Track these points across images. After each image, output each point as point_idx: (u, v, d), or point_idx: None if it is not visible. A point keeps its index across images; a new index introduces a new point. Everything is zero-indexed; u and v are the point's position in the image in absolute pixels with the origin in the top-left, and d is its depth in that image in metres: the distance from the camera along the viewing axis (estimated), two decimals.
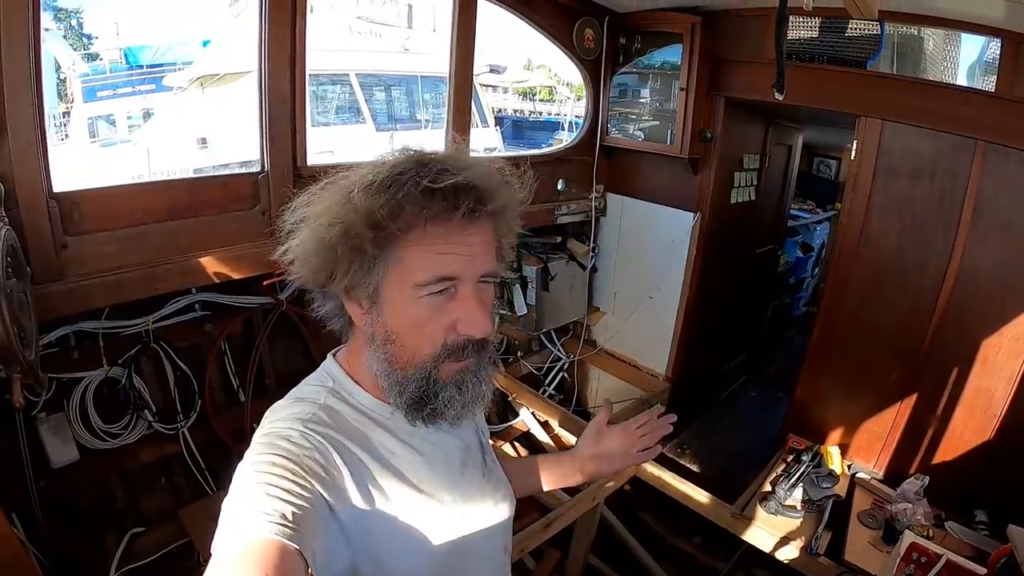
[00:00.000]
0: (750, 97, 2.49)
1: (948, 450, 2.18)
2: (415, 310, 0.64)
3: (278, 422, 0.65)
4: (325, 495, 0.60)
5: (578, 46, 2.60)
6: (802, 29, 2.35)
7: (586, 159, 2.89)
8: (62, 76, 6.72)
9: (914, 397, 2.24)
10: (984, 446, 2.08)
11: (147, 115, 6.40)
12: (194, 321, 2.02)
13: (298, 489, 0.57)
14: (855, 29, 2.16)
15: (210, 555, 0.51)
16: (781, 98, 1.18)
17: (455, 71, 2.18)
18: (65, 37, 8.15)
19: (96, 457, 1.89)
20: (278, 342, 2.24)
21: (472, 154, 0.91)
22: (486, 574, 0.83)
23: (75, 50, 7.71)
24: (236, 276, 1.84)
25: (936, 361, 2.17)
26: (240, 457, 0.63)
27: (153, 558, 1.92)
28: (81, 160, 5.79)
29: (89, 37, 8.42)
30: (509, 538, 0.88)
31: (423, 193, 0.60)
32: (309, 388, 0.72)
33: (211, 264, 1.79)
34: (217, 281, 1.82)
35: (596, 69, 2.73)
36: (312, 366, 0.77)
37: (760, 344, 4.01)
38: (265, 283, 1.93)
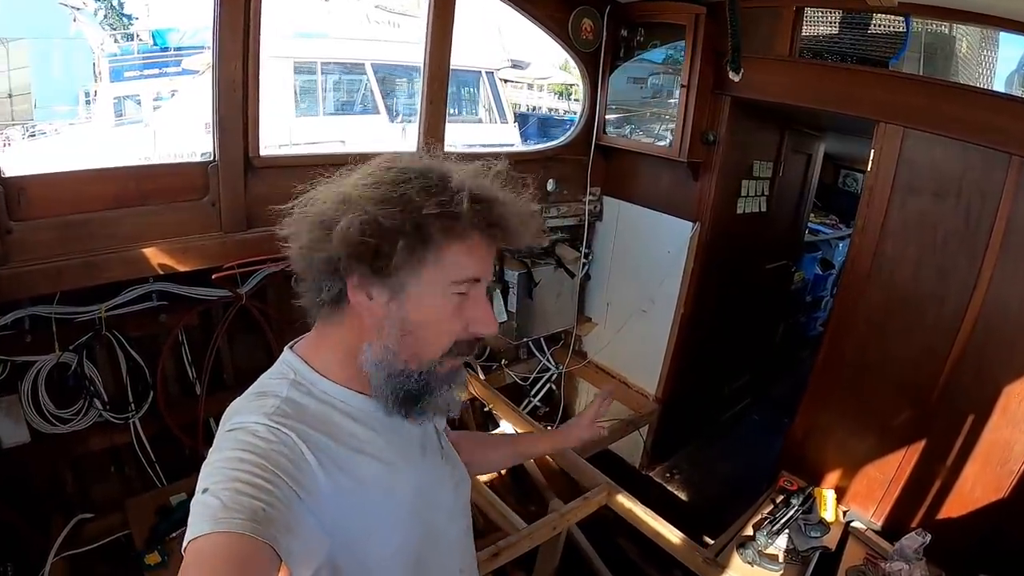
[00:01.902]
0: (760, 98, 2.26)
1: (956, 505, 1.93)
2: (443, 305, 0.68)
3: (242, 417, 0.65)
4: (295, 488, 0.59)
5: (574, 37, 2.42)
6: (821, 25, 2.13)
7: (581, 159, 2.71)
8: (95, 56, 6.87)
9: (922, 443, 2.01)
10: (997, 504, 1.83)
11: (173, 96, 6.49)
12: (150, 311, 1.96)
13: (266, 484, 0.57)
14: (878, 26, 1.92)
15: (145, 548, 0.45)
16: (737, 78, 1.02)
17: (430, 59, 2.04)
18: (105, 17, 8.34)
19: (47, 441, 1.86)
20: (238, 337, 2.17)
21: (481, 148, 1.03)
22: (454, 555, 0.86)
23: (114, 29, 7.88)
24: (181, 268, 1.77)
25: (950, 405, 1.93)
26: (192, 451, 0.55)
27: (95, 545, 1.87)
28: (91, 140, 5.91)
29: (129, 17, 8.58)
30: (470, 519, 0.91)
31: (494, 214, 0.67)
32: (270, 382, 0.71)
33: (155, 255, 1.72)
34: (161, 273, 1.75)
35: (594, 63, 2.55)
36: (272, 362, 0.76)
37: (768, 365, 3.76)
38: (215, 276, 1.85)
